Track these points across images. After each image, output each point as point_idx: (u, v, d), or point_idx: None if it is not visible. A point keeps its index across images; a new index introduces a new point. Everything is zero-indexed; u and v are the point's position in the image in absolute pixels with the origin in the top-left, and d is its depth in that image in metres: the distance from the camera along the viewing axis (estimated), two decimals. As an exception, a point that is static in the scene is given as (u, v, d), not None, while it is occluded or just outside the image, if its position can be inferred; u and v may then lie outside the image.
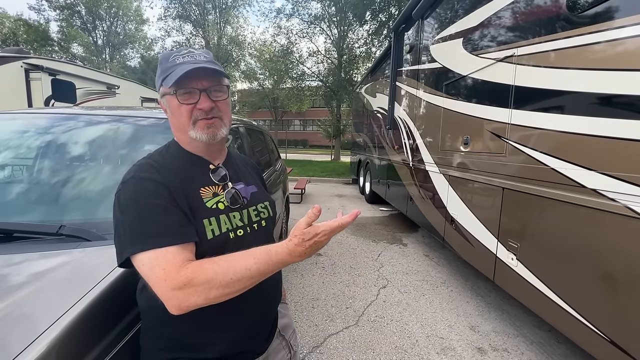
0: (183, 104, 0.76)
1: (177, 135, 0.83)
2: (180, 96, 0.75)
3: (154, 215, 0.68)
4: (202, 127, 0.77)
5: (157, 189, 0.70)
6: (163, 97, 0.80)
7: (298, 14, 16.28)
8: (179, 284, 0.62)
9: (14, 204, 1.28)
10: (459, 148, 2.80)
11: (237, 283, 0.65)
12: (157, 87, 0.81)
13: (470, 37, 2.65)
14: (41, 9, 22.35)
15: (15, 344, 0.63)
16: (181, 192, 0.73)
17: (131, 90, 6.89)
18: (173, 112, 0.79)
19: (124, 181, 0.72)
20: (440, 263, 3.70)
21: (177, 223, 0.69)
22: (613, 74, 1.43)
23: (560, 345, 2.21)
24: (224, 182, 0.84)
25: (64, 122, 1.62)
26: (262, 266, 0.66)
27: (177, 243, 0.66)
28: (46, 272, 0.85)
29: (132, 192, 0.70)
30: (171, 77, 0.73)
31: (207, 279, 0.63)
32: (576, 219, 1.62)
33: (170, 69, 0.75)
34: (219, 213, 0.77)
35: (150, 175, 0.72)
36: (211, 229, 0.74)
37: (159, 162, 0.76)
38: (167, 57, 0.78)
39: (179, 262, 0.64)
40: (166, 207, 0.69)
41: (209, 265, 0.65)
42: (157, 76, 0.80)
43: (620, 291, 1.41)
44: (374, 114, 6.58)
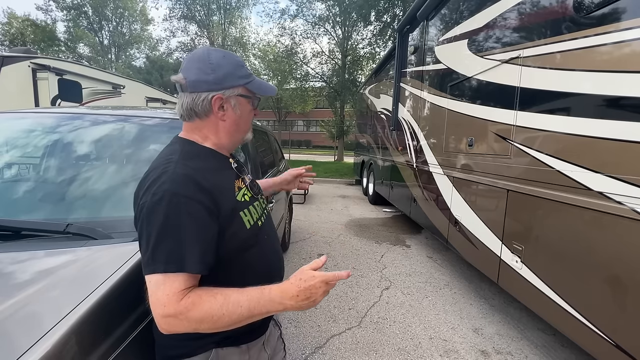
0: (253, 110, 0.87)
1: (231, 133, 0.84)
2: (254, 103, 0.86)
3: (181, 239, 0.66)
4: (251, 130, 0.92)
5: (196, 211, 0.68)
6: (234, 97, 0.80)
7: (302, 15, 16.32)
8: (176, 312, 0.64)
9: (22, 202, 1.29)
10: (463, 149, 2.79)
11: (226, 319, 0.66)
12: (228, 84, 0.78)
13: (475, 38, 2.64)
14: (49, 10, 22.63)
15: (22, 341, 0.64)
16: (222, 197, 0.75)
17: (136, 90, 6.93)
18: (243, 115, 0.84)
19: (160, 192, 0.67)
20: (443, 265, 3.68)
21: (199, 250, 0.68)
22: (620, 75, 1.42)
23: (564, 349, 2.19)
24: (243, 175, 0.89)
25: (71, 121, 1.64)
26: (252, 303, 0.67)
27: (191, 272, 0.67)
28: (53, 270, 0.86)
29: (167, 209, 0.66)
30: (263, 88, 0.85)
31: (201, 315, 0.65)
32: (582, 221, 1.61)
33: (251, 77, 0.83)
34: (248, 205, 0.83)
35: (187, 192, 0.68)
36: (247, 220, 0.80)
37: (197, 172, 0.73)
38: (243, 62, 0.84)
39: (183, 290, 0.66)
40: (196, 231, 0.68)
41: (207, 298, 0.66)
42: (236, 76, 0.80)
43: (626, 295, 1.39)
44: (377, 115, 6.58)
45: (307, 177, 1.34)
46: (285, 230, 3.76)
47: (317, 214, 6.07)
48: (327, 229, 5.04)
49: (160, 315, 0.64)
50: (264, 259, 0.86)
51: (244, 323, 0.69)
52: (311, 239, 4.47)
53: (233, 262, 0.78)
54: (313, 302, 0.70)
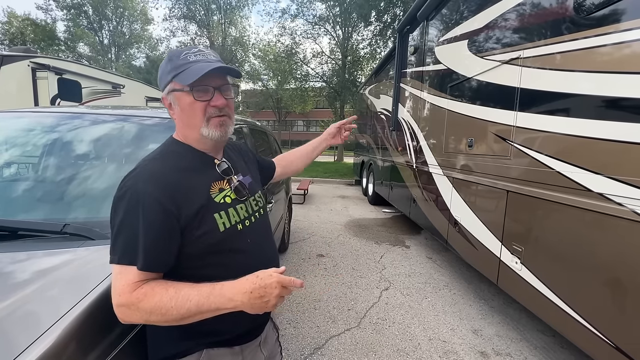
0: (198, 101, 0.76)
1: (184, 131, 0.82)
2: (196, 93, 0.76)
3: (135, 234, 0.68)
4: (215, 125, 0.79)
5: (151, 208, 0.69)
6: (170, 94, 0.79)
7: (302, 15, 16.32)
8: (128, 302, 0.66)
9: (20, 202, 1.29)
10: (463, 150, 2.79)
11: (174, 312, 0.66)
12: (163, 84, 0.80)
13: (475, 38, 2.63)
14: (49, 9, 22.60)
15: (19, 341, 0.63)
16: (189, 197, 0.74)
17: (136, 89, 6.93)
18: (184, 109, 0.78)
19: (125, 187, 0.72)
20: (443, 266, 3.67)
21: (151, 247, 0.69)
22: (620, 77, 1.41)
23: (564, 350, 2.19)
24: (229, 176, 0.85)
25: (70, 121, 1.63)
26: (202, 298, 0.67)
27: (141, 269, 0.68)
28: (50, 270, 0.85)
29: (127, 205, 0.69)
30: (187, 75, 0.74)
31: (151, 307, 0.65)
32: (582, 223, 1.60)
33: (184, 67, 0.75)
34: (227, 207, 0.80)
35: (150, 190, 0.70)
36: (222, 222, 0.77)
37: (165, 169, 0.75)
38: (177, 54, 0.78)
39: (137, 282, 0.67)
40: (152, 230, 0.69)
41: (158, 290, 0.67)
42: (166, 72, 0.78)
43: (626, 296, 1.39)
44: (377, 115, 6.57)
45: (348, 126, 1.37)
46: (285, 231, 3.75)
47: (316, 214, 6.06)
48: (326, 229, 5.04)
49: (115, 304, 0.67)
50: (244, 264, 0.79)
51: (195, 318, 0.68)
52: (310, 239, 4.46)
53: (210, 263, 0.77)
54: (266, 303, 0.67)
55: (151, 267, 0.69)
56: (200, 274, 0.74)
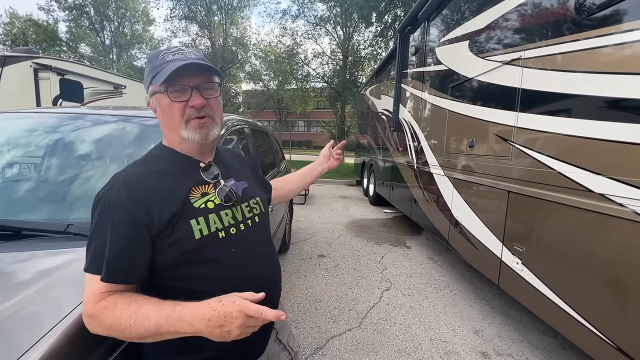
0: (174, 102, 0.73)
1: (167, 134, 0.81)
2: (172, 94, 0.73)
3: (103, 244, 0.67)
4: (194, 127, 0.75)
5: (118, 216, 0.68)
6: (152, 96, 0.77)
7: (304, 15, 16.34)
8: (91, 314, 0.65)
9: (23, 202, 1.29)
10: (464, 151, 2.79)
11: (133, 331, 0.62)
12: (146, 87, 0.79)
13: (476, 39, 2.63)
14: (50, 10, 22.66)
15: (23, 341, 0.64)
16: (164, 203, 0.71)
17: (137, 90, 6.94)
18: (164, 111, 0.76)
19: (101, 193, 0.71)
20: (444, 266, 3.67)
21: (120, 259, 0.67)
22: (622, 77, 1.41)
23: (565, 351, 2.18)
24: (216, 180, 0.81)
25: (72, 121, 1.64)
26: (161, 319, 0.62)
27: (105, 280, 0.66)
28: (54, 269, 0.86)
29: (100, 213, 0.69)
30: (162, 74, 0.71)
31: (111, 322, 0.63)
32: (583, 223, 1.60)
33: (160, 67, 0.73)
34: (208, 212, 0.75)
35: (120, 197, 0.69)
36: (199, 229, 0.72)
37: (141, 175, 0.74)
38: (156, 55, 0.76)
39: (103, 292, 0.66)
40: (118, 238, 0.67)
41: (120, 305, 0.64)
42: (146, 75, 0.77)
43: (627, 297, 1.39)
44: (378, 115, 6.57)
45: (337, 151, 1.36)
46: (286, 231, 3.75)
47: (317, 214, 6.06)
48: (327, 229, 5.04)
49: (84, 313, 0.66)
50: (225, 276, 0.74)
51: (156, 339, 0.63)
52: (312, 240, 4.46)
53: (185, 275, 0.72)
54: (227, 333, 0.60)
55: (114, 279, 0.66)
56: (177, 286, 0.71)
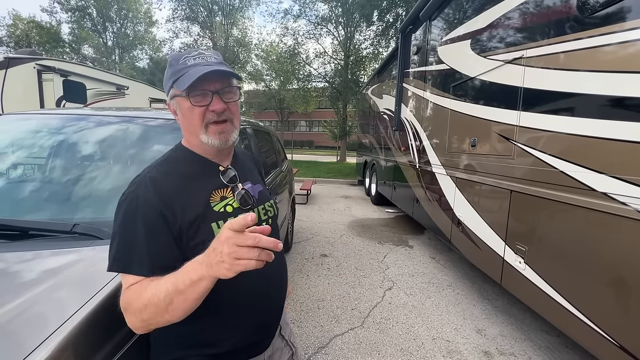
0: (195, 106, 0.75)
1: (187, 137, 0.82)
2: (193, 98, 0.74)
3: (137, 243, 0.68)
4: (214, 132, 0.77)
5: (149, 214, 0.69)
6: (173, 99, 0.79)
7: (305, 15, 16.34)
8: (123, 306, 0.66)
9: (28, 202, 1.31)
10: (466, 150, 2.79)
11: (156, 299, 0.61)
12: (166, 89, 0.80)
13: (478, 38, 2.63)
14: (53, 11, 22.79)
15: (28, 341, 0.64)
16: (187, 205, 0.73)
17: (140, 91, 6.98)
18: (185, 115, 0.78)
19: (126, 193, 0.73)
20: (446, 265, 3.67)
21: (147, 253, 0.68)
22: (624, 76, 1.41)
23: (568, 350, 2.18)
24: (234, 184, 0.83)
25: (75, 122, 1.66)
26: (173, 276, 0.62)
27: (135, 274, 0.67)
28: (59, 269, 0.87)
29: (128, 210, 0.70)
30: (184, 80, 0.73)
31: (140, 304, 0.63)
32: (585, 222, 1.60)
33: (182, 71, 0.74)
34: (227, 216, 0.77)
35: (149, 196, 0.70)
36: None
37: (166, 176, 0.75)
38: (177, 59, 0.77)
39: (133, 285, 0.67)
40: (150, 236, 0.68)
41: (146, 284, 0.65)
42: (167, 78, 0.78)
43: (631, 296, 1.39)
44: (380, 115, 6.57)
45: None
46: (288, 231, 3.76)
47: (319, 214, 6.07)
48: (329, 229, 5.05)
49: (123, 311, 0.67)
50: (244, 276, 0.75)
51: (179, 299, 0.61)
52: (314, 239, 4.47)
53: None
54: (220, 255, 0.55)
55: (145, 273, 0.67)
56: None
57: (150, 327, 0.66)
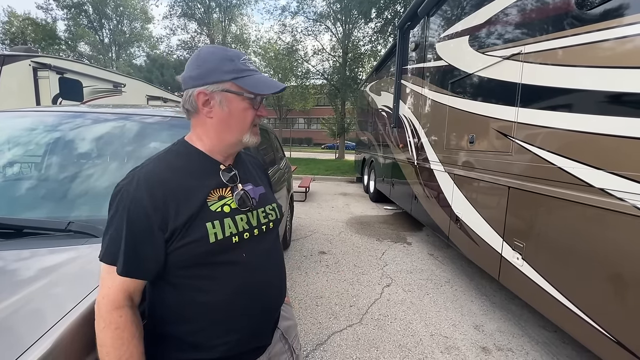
0: (253, 109, 0.79)
1: (219, 132, 0.79)
2: (256, 102, 0.79)
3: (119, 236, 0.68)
4: (255, 133, 0.83)
5: (135, 212, 0.69)
6: (220, 93, 0.75)
7: (303, 12, 16.26)
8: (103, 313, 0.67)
9: (24, 201, 1.30)
10: (464, 147, 2.78)
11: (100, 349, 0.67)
12: (212, 79, 0.75)
13: (476, 34, 2.62)
14: (49, 8, 22.61)
15: (25, 338, 0.64)
16: (181, 202, 0.72)
17: (137, 88, 6.93)
18: (234, 114, 0.77)
19: (120, 185, 0.72)
20: (444, 262, 3.68)
21: (136, 255, 0.69)
22: (622, 71, 1.41)
23: (566, 346, 2.19)
24: (234, 184, 0.82)
25: (72, 120, 1.64)
26: None
27: (122, 274, 0.68)
28: (54, 267, 0.86)
29: (117, 205, 0.70)
30: (257, 84, 0.77)
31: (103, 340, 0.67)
32: (583, 218, 1.60)
33: (247, 72, 0.77)
34: (224, 216, 0.76)
35: (139, 194, 0.70)
36: (214, 233, 0.73)
37: (162, 172, 0.74)
38: (238, 56, 0.78)
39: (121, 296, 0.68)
40: (134, 234, 0.69)
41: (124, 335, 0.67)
42: (224, 70, 0.75)
43: (628, 292, 1.39)
44: (378, 112, 6.56)
45: None
46: (287, 228, 3.76)
47: (318, 211, 6.07)
48: (328, 226, 5.05)
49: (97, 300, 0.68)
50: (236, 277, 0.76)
51: None
52: (312, 237, 4.47)
53: (195, 275, 0.74)
54: None
55: (130, 273, 0.68)
56: (187, 284, 0.73)
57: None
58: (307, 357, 2.01)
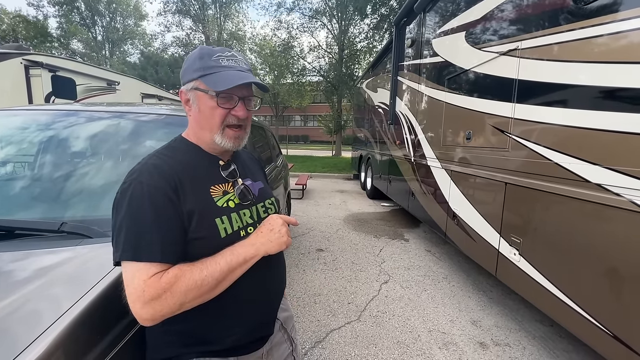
0: (220, 107, 0.75)
1: (197, 132, 0.80)
2: (220, 99, 0.75)
3: (148, 229, 0.66)
4: (230, 136, 0.79)
5: (158, 199, 0.68)
6: (192, 91, 0.77)
7: (299, 8, 16.16)
8: (158, 293, 0.62)
9: (16, 201, 1.27)
10: (461, 143, 2.78)
11: (210, 279, 0.66)
12: (186, 78, 0.77)
13: (472, 30, 2.61)
14: (40, 5, 22.26)
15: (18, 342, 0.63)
16: (189, 194, 0.72)
17: (131, 86, 6.85)
18: (203, 112, 0.76)
19: (128, 181, 0.70)
20: (442, 258, 3.70)
21: (168, 240, 0.67)
22: (618, 67, 1.41)
23: (562, 339, 2.21)
24: (234, 179, 0.83)
25: (65, 118, 1.61)
26: (228, 256, 0.70)
27: (162, 261, 0.66)
28: (46, 269, 0.85)
29: (133, 197, 0.68)
30: (218, 79, 0.73)
31: (186, 285, 0.64)
32: (580, 213, 1.61)
33: (215, 69, 0.74)
34: (230, 211, 0.77)
35: (154, 182, 0.69)
36: (224, 228, 0.74)
37: (168, 163, 0.74)
38: (209, 54, 0.76)
39: (158, 274, 0.65)
40: (162, 221, 0.67)
41: (186, 269, 0.66)
42: (193, 68, 0.76)
43: (623, 286, 1.40)
44: (375, 109, 6.55)
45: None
46: (284, 226, 3.75)
47: (315, 209, 6.07)
48: (325, 223, 5.05)
49: (142, 301, 0.62)
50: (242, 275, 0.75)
51: (228, 279, 0.70)
52: (310, 234, 4.47)
53: None
54: (278, 233, 0.75)
55: (169, 258, 0.67)
56: None
57: (175, 312, 0.65)
58: (305, 354, 2.01)
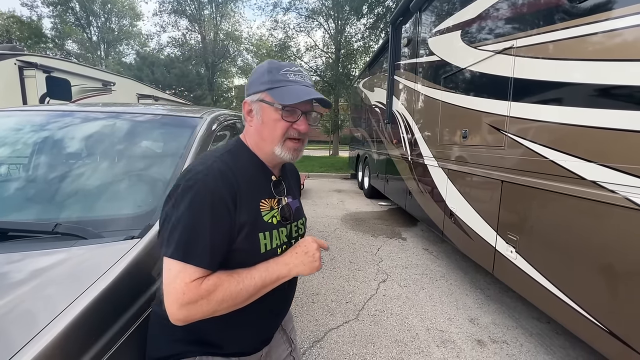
0: (284, 120, 0.77)
1: (257, 141, 0.81)
2: (285, 112, 0.76)
3: (203, 234, 0.67)
4: (290, 148, 0.80)
5: (218, 207, 0.69)
6: (257, 103, 0.78)
7: (295, 8, 16.14)
8: (196, 298, 0.64)
9: (10, 202, 1.26)
10: (457, 141, 2.79)
11: (244, 293, 0.69)
12: (253, 89, 0.79)
13: (468, 29, 2.62)
14: (34, 6, 22.05)
15: (14, 342, 0.62)
16: (244, 206, 0.73)
17: (127, 87, 6.82)
18: (267, 123, 0.78)
19: (193, 179, 0.69)
20: (439, 257, 3.71)
21: (217, 248, 0.69)
22: (612, 64, 1.42)
23: (559, 336, 2.23)
24: (281, 197, 0.85)
25: (60, 119, 1.60)
26: (263, 273, 0.72)
27: (207, 268, 0.67)
28: (41, 271, 0.83)
29: (196, 198, 0.68)
30: (285, 94, 0.75)
31: (223, 295, 0.66)
32: (575, 211, 1.62)
33: (282, 83, 0.77)
34: (272, 228, 0.79)
35: (219, 189, 0.70)
36: (265, 243, 0.76)
37: (232, 171, 0.74)
38: (278, 68, 0.79)
39: (200, 278, 0.66)
40: (216, 229, 0.68)
41: (225, 278, 0.68)
42: (261, 81, 0.78)
43: (619, 283, 1.41)
44: (372, 108, 6.56)
45: None
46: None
47: (313, 208, 6.06)
48: (323, 223, 5.05)
49: (180, 303, 0.63)
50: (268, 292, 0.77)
51: (259, 294, 0.72)
52: (307, 234, 4.44)
53: None
54: (312, 257, 0.77)
55: (213, 266, 0.68)
56: None
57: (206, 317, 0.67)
58: (304, 354, 2.01)
